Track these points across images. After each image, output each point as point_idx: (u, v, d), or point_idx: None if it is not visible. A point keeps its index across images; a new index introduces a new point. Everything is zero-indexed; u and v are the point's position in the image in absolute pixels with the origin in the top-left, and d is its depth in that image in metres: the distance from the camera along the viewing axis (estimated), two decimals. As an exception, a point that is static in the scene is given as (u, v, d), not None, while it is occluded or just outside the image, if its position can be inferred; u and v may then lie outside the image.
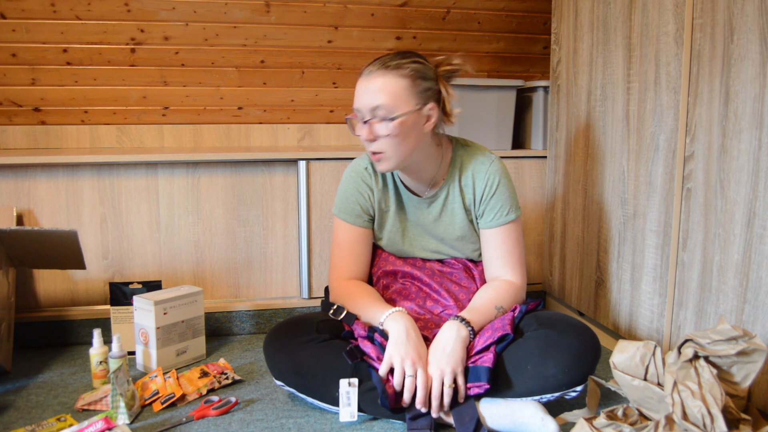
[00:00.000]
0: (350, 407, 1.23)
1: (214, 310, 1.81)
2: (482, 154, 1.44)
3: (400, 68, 1.29)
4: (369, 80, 1.29)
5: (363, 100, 1.29)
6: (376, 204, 1.44)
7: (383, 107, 1.27)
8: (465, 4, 2.16)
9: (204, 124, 2.14)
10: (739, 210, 1.19)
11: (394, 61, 1.30)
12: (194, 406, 1.34)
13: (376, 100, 1.27)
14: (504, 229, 1.40)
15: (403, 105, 1.28)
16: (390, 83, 1.28)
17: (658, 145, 1.44)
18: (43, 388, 1.45)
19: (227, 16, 2.03)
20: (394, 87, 1.28)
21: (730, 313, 1.23)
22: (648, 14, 1.45)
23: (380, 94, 1.27)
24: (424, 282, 1.43)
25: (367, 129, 1.30)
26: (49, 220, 1.75)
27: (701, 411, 0.91)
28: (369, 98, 1.28)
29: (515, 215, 1.41)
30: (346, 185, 1.46)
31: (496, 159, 1.44)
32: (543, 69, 2.34)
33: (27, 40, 1.93)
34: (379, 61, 1.31)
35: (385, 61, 1.30)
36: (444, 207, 1.43)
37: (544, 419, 1.15)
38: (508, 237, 1.41)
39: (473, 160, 1.42)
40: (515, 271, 1.41)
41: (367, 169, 1.45)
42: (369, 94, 1.28)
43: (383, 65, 1.29)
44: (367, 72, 1.30)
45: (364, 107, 1.29)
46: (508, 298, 1.36)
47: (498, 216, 1.40)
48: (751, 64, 1.15)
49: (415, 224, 1.46)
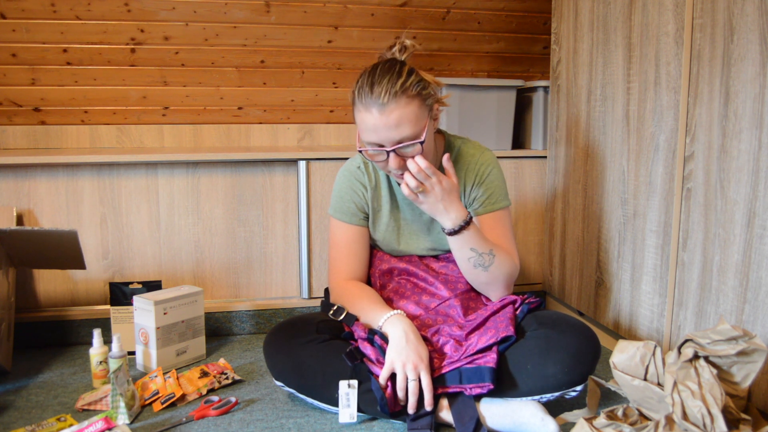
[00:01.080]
0: (350, 408, 1.23)
1: (214, 310, 1.81)
2: (473, 146, 1.45)
3: (407, 90, 1.23)
4: (385, 115, 1.21)
5: (384, 136, 1.23)
6: (369, 202, 1.44)
7: (409, 137, 1.23)
8: (465, 4, 2.16)
9: (204, 124, 2.14)
10: (739, 210, 1.19)
11: (398, 84, 1.23)
12: (194, 406, 1.34)
13: (402, 133, 1.22)
14: (494, 216, 1.40)
15: (423, 124, 1.26)
16: (407, 112, 1.22)
17: (658, 145, 1.44)
18: (43, 388, 1.45)
19: (227, 16, 2.03)
20: (411, 114, 1.23)
21: (730, 313, 1.23)
22: (648, 14, 1.45)
23: (403, 126, 1.22)
24: (419, 277, 1.43)
25: (396, 159, 1.25)
26: (49, 220, 1.75)
27: (701, 411, 0.91)
28: (392, 134, 1.22)
29: (504, 204, 1.42)
30: (340, 185, 1.46)
31: (487, 150, 1.45)
32: (543, 69, 2.34)
33: (27, 40, 1.93)
34: (381, 88, 1.22)
35: (389, 87, 1.22)
36: None
37: (544, 419, 1.15)
38: (498, 223, 1.40)
39: (464, 152, 1.43)
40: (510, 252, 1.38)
41: (359, 167, 1.45)
42: (391, 130, 1.22)
43: (391, 94, 1.21)
44: (376, 105, 1.22)
45: (387, 140, 1.23)
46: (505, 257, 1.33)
47: (488, 203, 1.40)
48: (751, 64, 1.15)
49: (411, 222, 1.46)
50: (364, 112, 1.24)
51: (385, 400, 1.19)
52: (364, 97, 1.24)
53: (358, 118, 1.27)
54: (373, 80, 1.24)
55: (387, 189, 1.45)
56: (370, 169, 1.44)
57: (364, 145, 1.28)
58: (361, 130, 1.27)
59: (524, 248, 2.03)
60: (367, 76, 1.26)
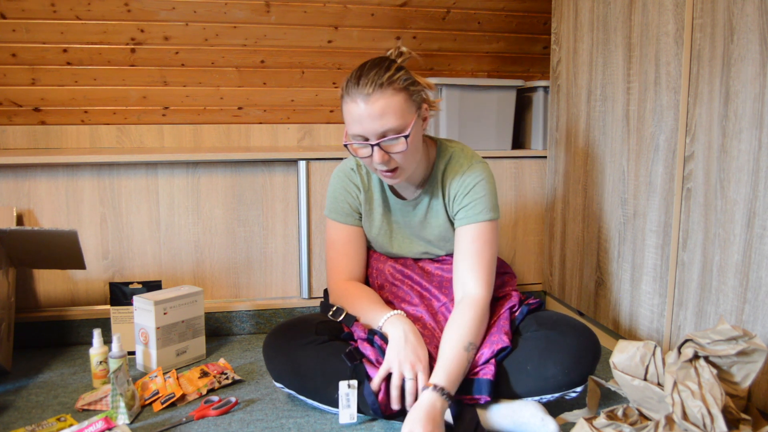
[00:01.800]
0: (350, 409, 1.23)
1: (214, 310, 1.81)
2: (465, 155, 1.40)
3: (394, 83, 1.23)
4: (369, 105, 1.21)
5: (369, 127, 1.23)
6: (362, 204, 1.44)
7: (393, 129, 1.23)
8: (465, 4, 2.16)
9: (204, 124, 2.14)
10: (739, 210, 1.19)
11: (385, 76, 1.23)
12: (194, 406, 1.34)
13: (386, 125, 1.22)
14: (475, 228, 1.33)
15: (408, 118, 1.25)
16: (392, 103, 1.22)
17: (658, 145, 1.43)
18: (43, 388, 1.45)
19: (227, 16, 2.03)
20: (396, 105, 1.23)
21: (730, 313, 1.23)
22: (648, 14, 1.45)
23: (387, 117, 1.22)
24: (414, 280, 1.43)
25: (380, 153, 1.24)
26: (49, 220, 1.75)
27: (701, 411, 0.91)
28: (376, 124, 1.22)
29: (489, 216, 1.34)
30: (335, 186, 1.46)
31: (478, 160, 1.40)
32: (543, 69, 2.34)
33: (27, 40, 1.93)
34: (367, 80, 1.22)
35: (375, 79, 1.22)
36: (429, 208, 1.41)
37: (544, 419, 1.15)
38: (479, 237, 1.33)
39: (453, 160, 1.39)
40: (480, 280, 1.30)
41: (353, 169, 1.45)
42: (375, 121, 1.22)
43: (377, 84, 1.22)
44: (361, 95, 1.22)
45: (371, 133, 1.23)
46: (475, 329, 1.25)
47: (471, 214, 1.34)
48: (751, 64, 1.15)
49: (403, 227, 1.45)
50: (350, 103, 1.24)
51: (377, 404, 1.20)
52: (351, 89, 1.24)
53: (345, 110, 1.27)
54: (361, 73, 1.25)
55: (380, 192, 1.44)
56: (363, 171, 1.44)
57: (350, 139, 1.28)
58: (347, 122, 1.27)
59: (524, 248, 2.03)
60: (356, 71, 1.26)
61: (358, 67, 1.27)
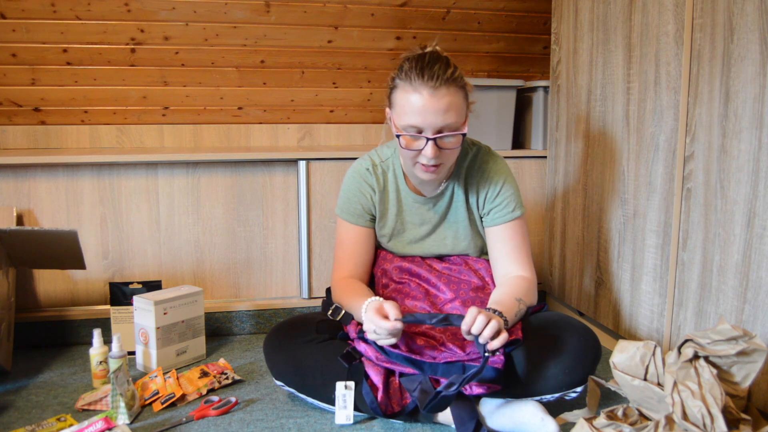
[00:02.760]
0: (346, 410, 1.23)
1: (214, 310, 1.81)
2: (486, 153, 1.44)
3: (456, 80, 1.23)
4: (436, 99, 1.21)
5: (431, 120, 1.22)
6: (376, 205, 1.44)
7: (452, 125, 1.23)
8: (465, 4, 2.16)
9: (204, 124, 2.14)
10: (739, 210, 1.19)
11: (449, 71, 1.22)
12: (194, 406, 1.34)
13: (447, 120, 1.22)
14: (511, 226, 1.40)
15: (464, 118, 1.27)
16: (456, 100, 1.23)
17: (658, 145, 1.43)
18: (43, 388, 1.45)
19: (227, 16, 2.03)
20: (458, 102, 1.24)
21: (730, 313, 1.23)
22: (648, 14, 1.45)
23: (450, 113, 1.22)
24: (422, 278, 1.43)
25: (433, 148, 1.23)
26: (49, 220, 1.75)
27: (701, 411, 0.91)
28: (439, 119, 1.21)
29: (520, 212, 1.41)
30: (349, 185, 1.46)
31: (501, 158, 1.44)
32: (543, 69, 2.34)
33: (27, 40, 1.93)
34: (432, 73, 1.21)
35: (440, 73, 1.21)
36: (450, 205, 1.43)
37: (544, 419, 1.15)
38: (516, 233, 1.40)
39: (477, 158, 1.42)
40: (525, 267, 1.39)
41: (368, 170, 1.44)
42: (439, 115, 1.21)
43: (443, 79, 1.21)
44: (427, 87, 1.21)
45: (431, 126, 1.22)
46: (525, 291, 1.33)
47: (504, 213, 1.39)
48: (751, 64, 1.15)
49: (417, 226, 1.45)
50: (412, 93, 1.22)
51: (376, 403, 1.20)
52: (414, 79, 1.22)
53: (402, 100, 1.24)
54: (423, 65, 1.23)
55: (395, 192, 1.44)
56: (378, 172, 1.44)
57: (401, 130, 1.27)
58: (403, 113, 1.24)
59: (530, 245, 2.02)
60: (415, 61, 1.24)
61: (417, 58, 1.25)
